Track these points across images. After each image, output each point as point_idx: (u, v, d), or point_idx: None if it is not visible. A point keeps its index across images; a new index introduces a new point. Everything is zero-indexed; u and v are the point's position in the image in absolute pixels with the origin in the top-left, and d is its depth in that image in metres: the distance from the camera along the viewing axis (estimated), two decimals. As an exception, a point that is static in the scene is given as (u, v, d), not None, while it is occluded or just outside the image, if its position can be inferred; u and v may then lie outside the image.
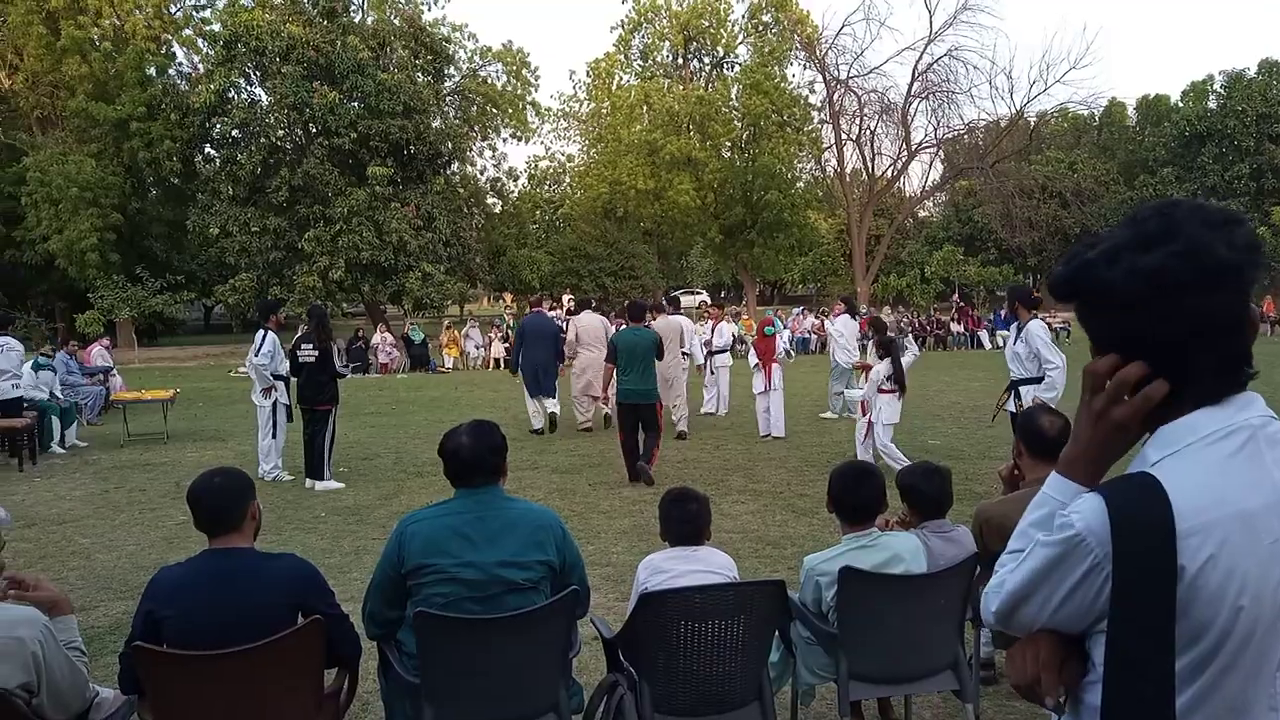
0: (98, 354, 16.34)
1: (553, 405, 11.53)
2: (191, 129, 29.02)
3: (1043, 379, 6.88)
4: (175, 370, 23.81)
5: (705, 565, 3.20)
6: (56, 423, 11.23)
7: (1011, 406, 7.16)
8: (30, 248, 29.00)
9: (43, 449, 10.78)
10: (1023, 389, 7.05)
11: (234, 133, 29.05)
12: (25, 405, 10.83)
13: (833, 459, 9.32)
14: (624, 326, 9.40)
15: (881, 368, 8.34)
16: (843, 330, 12.26)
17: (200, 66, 30.98)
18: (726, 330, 13.37)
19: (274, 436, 9.07)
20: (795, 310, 30.58)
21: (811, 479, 8.41)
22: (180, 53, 33.66)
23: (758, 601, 3.00)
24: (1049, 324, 11.01)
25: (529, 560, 2.86)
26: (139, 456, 10.69)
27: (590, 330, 11.78)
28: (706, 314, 14.20)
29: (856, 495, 3.20)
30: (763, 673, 3.13)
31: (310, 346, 8.55)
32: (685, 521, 3.27)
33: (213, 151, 31.14)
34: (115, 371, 16.32)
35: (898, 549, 3.17)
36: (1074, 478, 1.32)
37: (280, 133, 29.28)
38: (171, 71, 32.19)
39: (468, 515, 2.89)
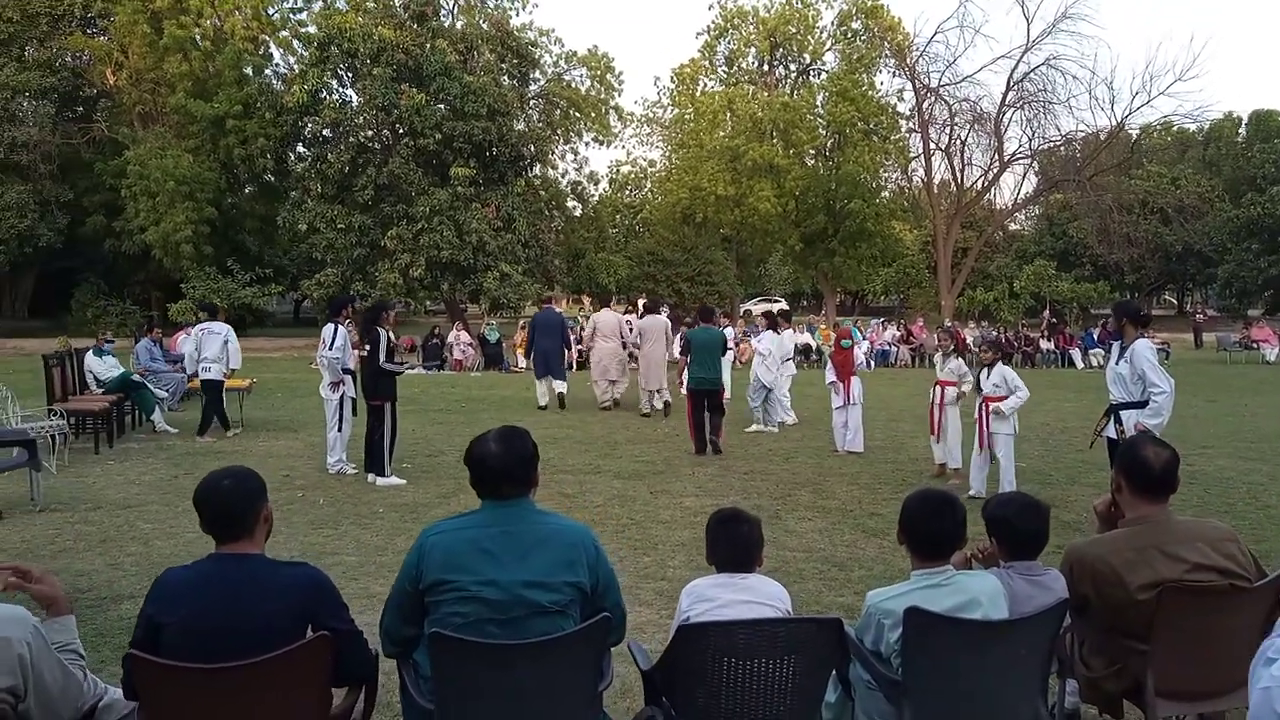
0: (183, 342, 16.72)
1: (561, 386, 13.93)
2: (284, 127, 29.79)
3: (1146, 403, 6.34)
4: (261, 360, 24.35)
5: (754, 595, 2.90)
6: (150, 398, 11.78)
7: (1111, 433, 6.62)
8: (129, 238, 30.16)
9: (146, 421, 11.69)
10: (1124, 414, 6.51)
11: (324, 132, 29.70)
12: (102, 389, 11.11)
13: (909, 477, 8.90)
14: (697, 326, 11.03)
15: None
16: (770, 347, 12.09)
17: (295, 67, 31.80)
18: (787, 340, 12.93)
19: (339, 430, 9.10)
20: (874, 321, 29.75)
21: (885, 497, 8.02)
22: (276, 53, 34.69)
23: (811, 641, 2.69)
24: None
25: (557, 581, 2.61)
26: (213, 444, 10.83)
27: (607, 325, 14.07)
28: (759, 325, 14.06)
29: (932, 527, 2.85)
30: (815, 717, 2.81)
31: (366, 341, 8.58)
32: (734, 545, 2.98)
33: (304, 150, 31.92)
34: (199, 360, 16.69)
35: (975, 592, 2.80)
36: None
37: (368, 133, 29.84)
38: (267, 71, 33.16)
39: (493, 529, 2.65)
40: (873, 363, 24.57)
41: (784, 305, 41.90)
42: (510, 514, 2.68)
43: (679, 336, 12.65)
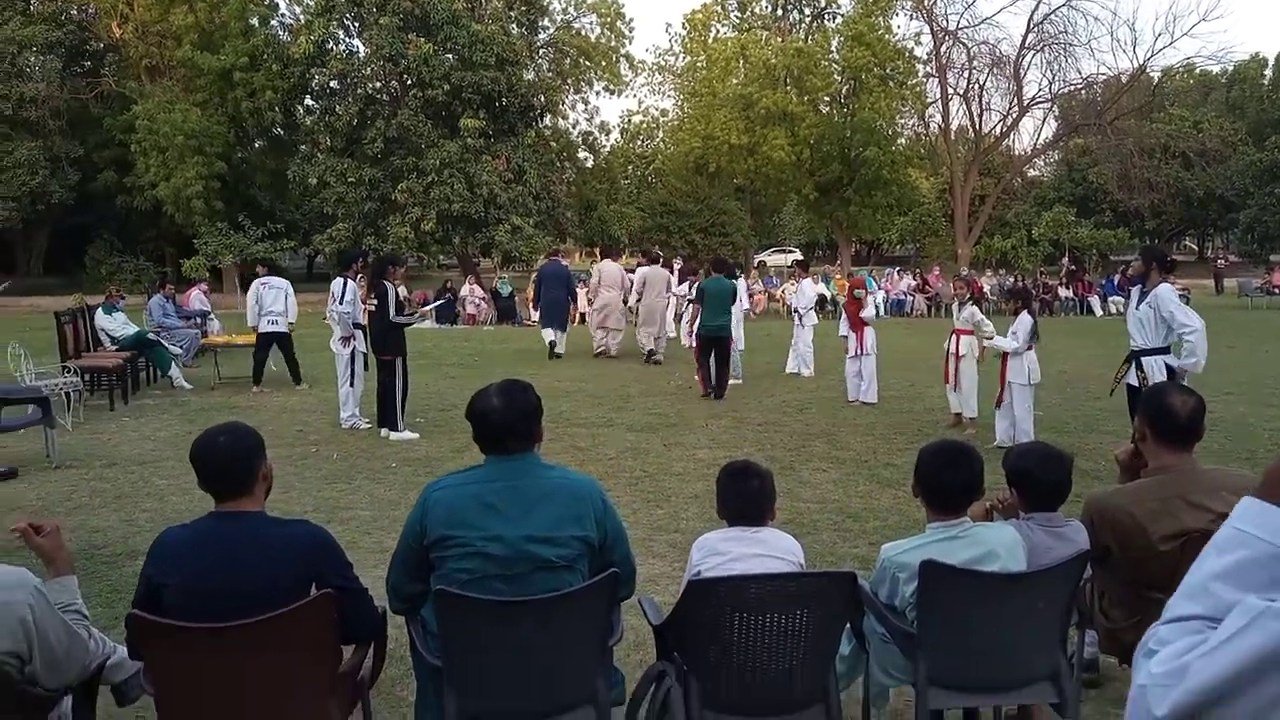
0: (196, 298, 16.72)
1: (557, 336, 14.57)
2: (292, 79, 29.51)
3: (1167, 349, 6.20)
4: (273, 316, 24.42)
5: (766, 549, 2.84)
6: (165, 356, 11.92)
7: (1133, 379, 6.50)
8: (140, 194, 30.10)
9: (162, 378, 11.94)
10: (1145, 359, 6.37)
11: (332, 84, 29.44)
12: (116, 346, 11.13)
13: (924, 427, 8.84)
14: (710, 276, 11.32)
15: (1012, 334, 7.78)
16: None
17: (301, 17, 31.36)
18: (810, 289, 12.89)
19: (351, 385, 9.08)
20: (888, 270, 29.44)
21: (900, 447, 7.95)
22: (282, 3, 34.19)
23: (824, 594, 2.63)
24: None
25: (563, 536, 2.55)
26: (227, 400, 10.86)
27: (610, 275, 14.48)
28: (795, 275, 14.31)
29: (948, 479, 2.77)
30: (829, 672, 2.77)
31: (373, 296, 8.50)
32: (745, 499, 2.91)
33: (312, 102, 31.65)
34: (213, 316, 16.69)
35: (993, 544, 2.74)
36: None
37: (376, 84, 29.52)
38: (273, 22, 32.71)
39: (497, 484, 2.59)
40: (889, 312, 24.37)
41: (799, 256, 41.48)
42: (515, 468, 2.62)
43: (694, 286, 12.64)
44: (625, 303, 14.84)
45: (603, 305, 14.54)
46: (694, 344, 11.32)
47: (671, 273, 18.84)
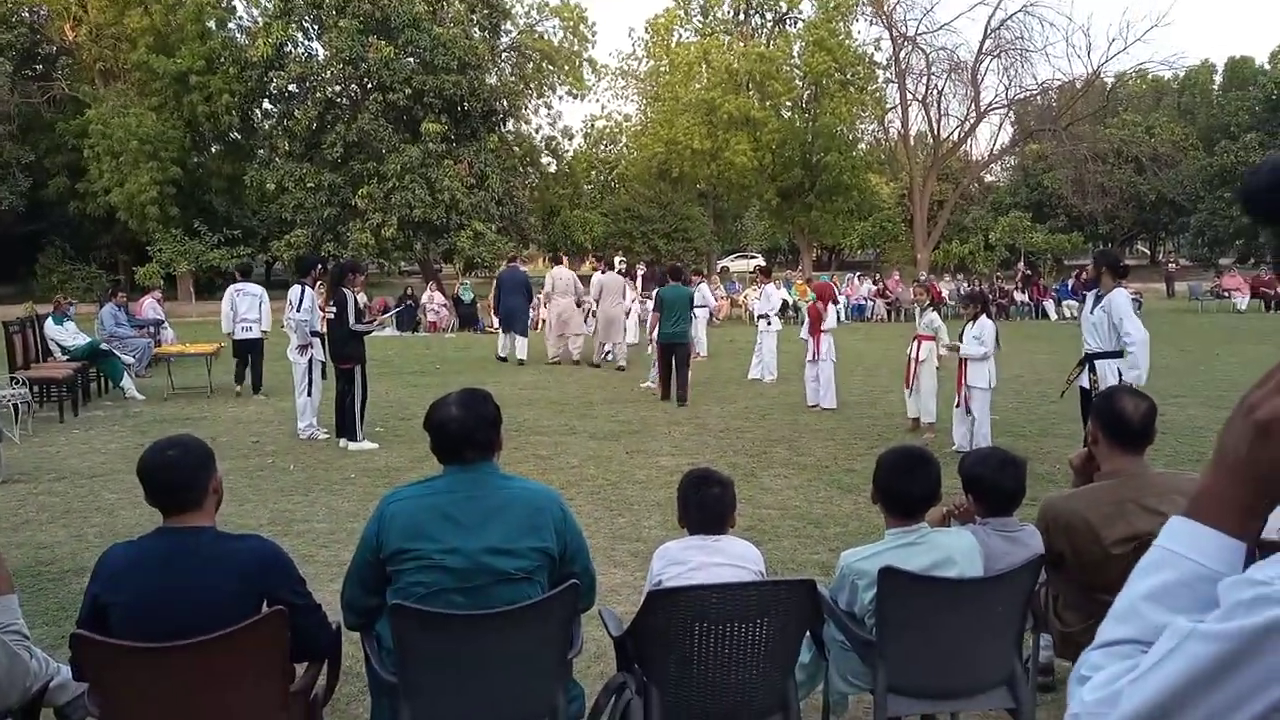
0: (149, 306, 16.41)
1: (518, 343, 14.71)
2: (249, 83, 29.08)
3: (1120, 353, 6.31)
4: (231, 324, 24.03)
5: (726, 557, 2.84)
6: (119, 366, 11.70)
7: (1084, 382, 6.60)
8: (93, 200, 29.43)
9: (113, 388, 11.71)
10: (1098, 363, 6.48)
11: (290, 88, 29.02)
12: (66, 356, 10.88)
13: (884, 432, 8.90)
14: (668, 284, 11.46)
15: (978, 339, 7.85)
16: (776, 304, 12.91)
17: (258, 20, 30.95)
18: (774, 295, 12.97)
19: (309, 394, 8.97)
20: (848, 275, 29.68)
21: (860, 453, 8.01)
22: (240, 5, 33.79)
23: (784, 603, 2.63)
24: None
25: (522, 547, 2.53)
26: (180, 410, 10.67)
27: (563, 282, 14.78)
28: (756, 280, 14.51)
29: (906, 486, 2.79)
30: (789, 681, 2.77)
31: (332, 304, 8.41)
32: (705, 508, 2.91)
33: (270, 106, 31.24)
34: (167, 324, 16.40)
35: (949, 550, 2.76)
36: (1221, 526, 0.89)
37: (336, 88, 29.18)
38: (231, 25, 32.20)
39: (456, 495, 2.56)
40: (849, 317, 24.55)
41: (761, 261, 41.71)
42: (473, 479, 2.59)
43: (654, 295, 12.76)
44: (580, 306, 14.98)
45: (559, 312, 14.73)
46: (654, 350, 11.49)
47: (635, 279, 19.12)
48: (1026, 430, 9.03)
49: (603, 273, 14.85)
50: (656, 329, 11.24)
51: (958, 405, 8.06)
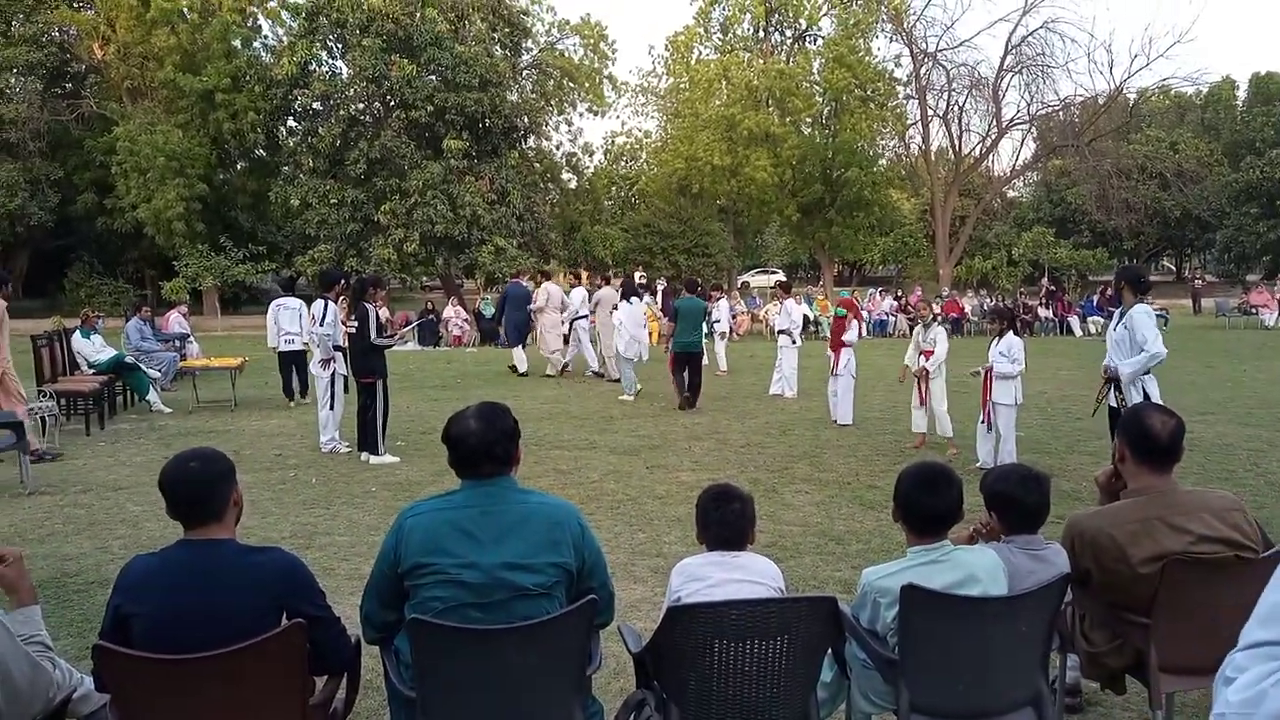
0: (175, 320, 16.62)
1: (520, 355, 15.47)
2: (274, 101, 29.45)
3: (1146, 371, 6.23)
4: (256, 338, 24.20)
5: (746, 574, 2.82)
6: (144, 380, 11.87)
7: (1112, 400, 6.53)
8: (120, 216, 29.87)
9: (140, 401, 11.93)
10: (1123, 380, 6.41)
11: (315, 105, 29.38)
12: (93, 369, 11.01)
13: (907, 450, 8.84)
14: (684, 296, 12.28)
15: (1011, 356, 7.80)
16: (633, 314, 13.08)
17: (283, 39, 31.39)
18: (794, 310, 12.97)
19: (331, 408, 9.02)
20: (870, 291, 29.57)
21: (883, 469, 7.96)
22: (265, 24, 34.21)
23: (805, 620, 2.60)
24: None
25: (540, 563, 2.52)
26: (205, 424, 10.76)
27: (554, 297, 15.32)
28: (777, 295, 14.67)
29: (928, 503, 2.76)
30: (810, 699, 2.74)
31: (354, 318, 8.49)
32: (725, 524, 2.89)
33: (294, 124, 31.58)
34: (192, 339, 16.57)
35: (973, 568, 2.72)
36: None
37: (359, 105, 29.53)
38: (256, 44, 32.69)
39: (473, 509, 2.56)
40: (871, 333, 24.45)
41: (782, 276, 41.65)
42: (490, 493, 2.59)
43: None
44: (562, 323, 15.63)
45: (543, 329, 15.36)
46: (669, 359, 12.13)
47: (654, 294, 19.41)
48: (1052, 447, 8.94)
49: (599, 287, 15.81)
50: (672, 338, 11.89)
51: (982, 421, 8.00)
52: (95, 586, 5.15)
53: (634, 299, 13.33)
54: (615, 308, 14.19)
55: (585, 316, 15.36)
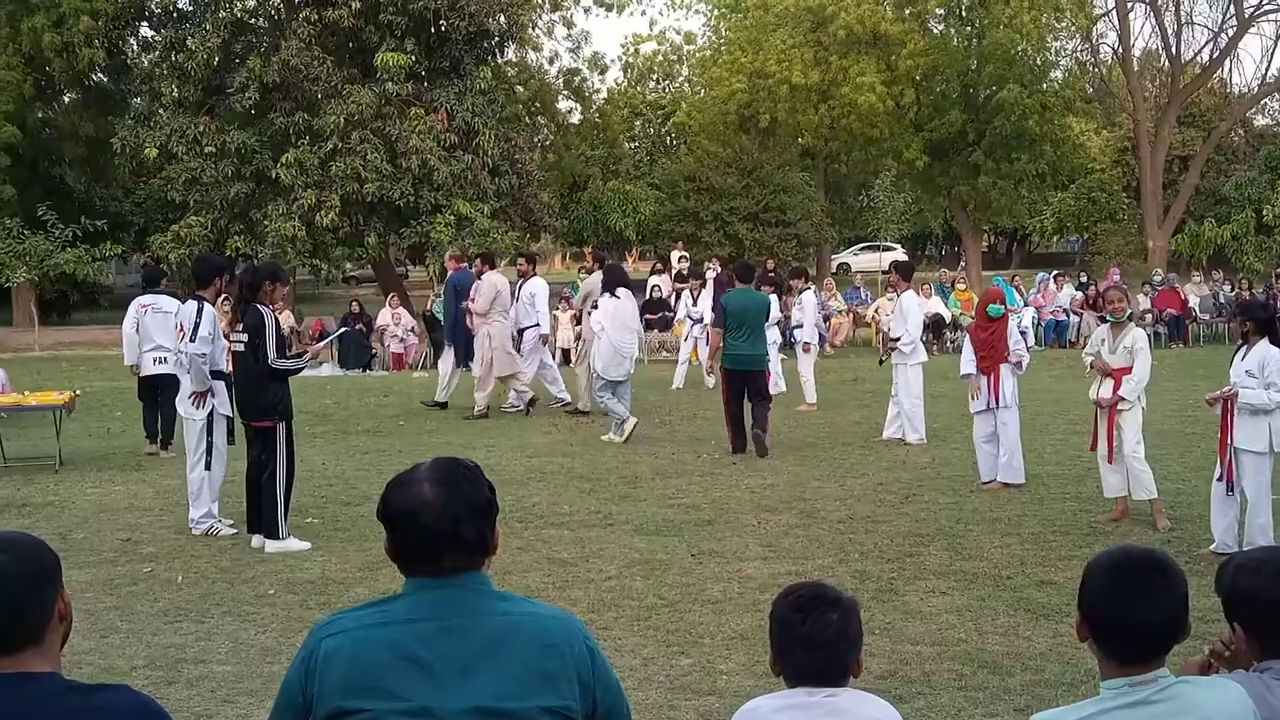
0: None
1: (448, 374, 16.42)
2: (120, 1, 29.94)
3: None
4: (91, 360, 24.62)
5: (848, 725, 2.81)
6: None
7: None
8: (-114, 177, 30.43)
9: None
10: None
11: (180, 4, 29.83)
12: None
13: (1097, 523, 8.85)
14: (735, 288, 12.75)
15: None
16: (619, 314, 13.16)
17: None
18: (916, 307, 12.96)
19: (208, 467, 9.10)
20: (1040, 275, 29.45)
21: (1061, 556, 7.96)
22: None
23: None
24: None
25: (528, 709, 2.53)
26: (14, 492, 10.93)
27: (502, 295, 15.27)
28: (891, 284, 14.56)
29: (1135, 613, 2.74)
30: None
31: (240, 328, 8.57)
32: (815, 646, 2.88)
33: (151, 33, 32.13)
34: (-4, 363, 16.81)
35: (1207, 711, 2.70)
36: None
37: (249, 3, 29.98)
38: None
39: (426, 624, 2.57)
40: (1042, 340, 24.35)
41: (901, 255, 41.63)
42: (452, 599, 2.60)
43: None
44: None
45: (499, 338, 15.20)
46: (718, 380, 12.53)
47: (703, 284, 19.37)
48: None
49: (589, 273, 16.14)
50: (718, 352, 12.17)
51: (1219, 478, 7.95)
52: None
53: (620, 291, 13.41)
54: (594, 306, 14.26)
55: (534, 326, 15.84)
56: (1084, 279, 27.82)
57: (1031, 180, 37.61)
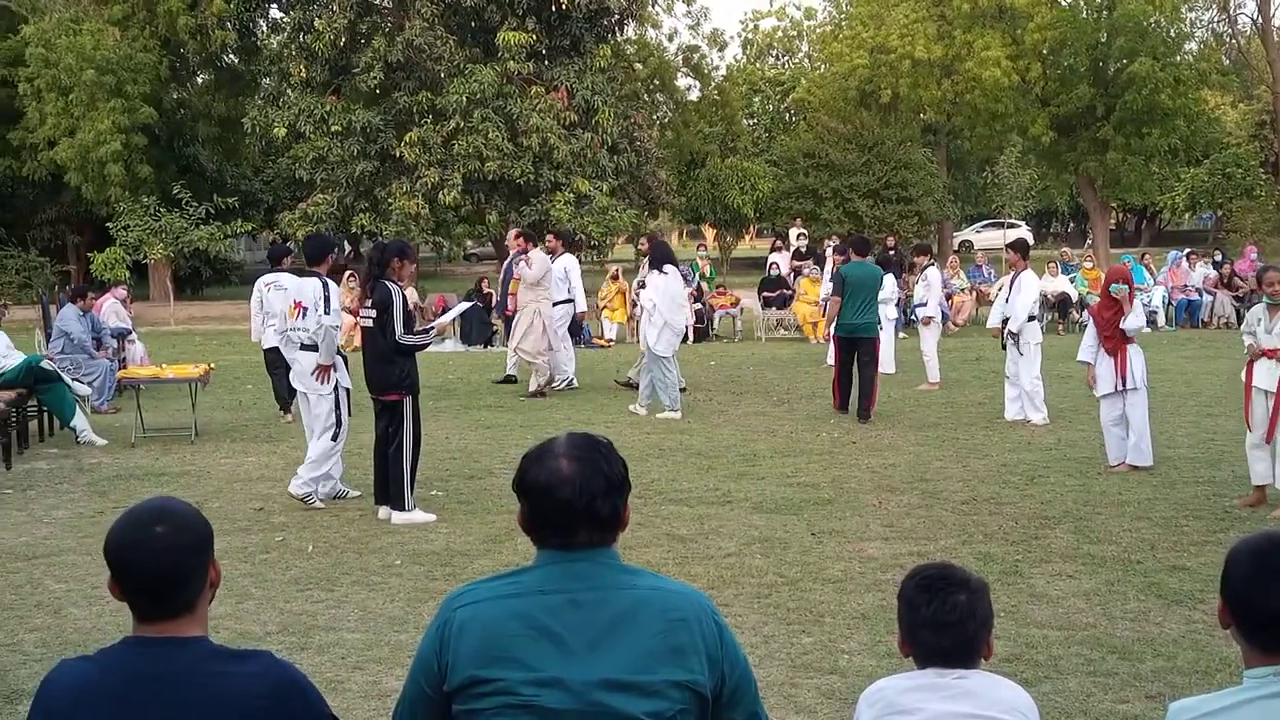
0: (110, 309, 16.99)
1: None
2: (251, -17, 30.55)
3: None
4: (223, 335, 25.16)
5: (977, 705, 2.78)
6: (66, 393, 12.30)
7: None
8: (32, 156, 31.31)
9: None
10: None
11: (309, -14, 30.31)
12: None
13: (1233, 508, 8.64)
14: (851, 260, 13.54)
15: None
16: (669, 291, 13.22)
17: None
18: (1031, 286, 12.66)
19: (334, 439, 9.21)
20: (1172, 254, 28.66)
21: (1194, 541, 7.78)
22: None
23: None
24: None
25: (657, 681, 2.53)
26: (153, 462, 11.21)
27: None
28: (1010, 262, 14.15)
29: (1277, 600, 2.66)
30: None
31: (369, 304, 8.63)
32: (943, 627, 2.85)
33: (280, 14, 32.67)
34: (135, 336, 17.16)
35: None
36: None
37: (374, -17, 30.34)
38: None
39: (558, 597, 2.58)
40: (1173, 321, 23.76)
41: (1025, 232, 40.85)
42: (583, 573, 2.60)
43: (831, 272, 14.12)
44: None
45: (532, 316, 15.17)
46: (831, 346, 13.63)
47: (822, 262, 19.43)
48: None
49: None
50: (834, 320, 13.06)
51: None
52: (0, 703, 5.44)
53: (667, 268, 13.40)
54: (642, 285, 14.33)
55: (568, 301, 16.00)
56: (1218, 257, 26.99)
57: (1163, 156, 36.74)
